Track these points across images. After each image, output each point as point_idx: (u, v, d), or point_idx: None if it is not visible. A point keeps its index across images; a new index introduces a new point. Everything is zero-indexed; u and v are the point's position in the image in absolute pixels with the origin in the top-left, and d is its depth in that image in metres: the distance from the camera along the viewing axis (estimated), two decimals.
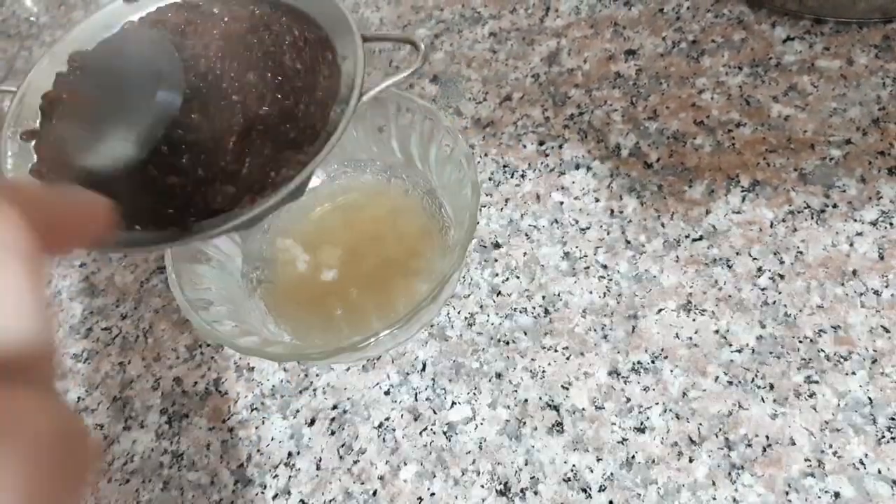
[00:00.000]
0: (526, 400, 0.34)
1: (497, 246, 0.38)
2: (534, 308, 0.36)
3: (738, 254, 0.35)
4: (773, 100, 0.40)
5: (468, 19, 0.49)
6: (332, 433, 0.35)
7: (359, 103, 0.28)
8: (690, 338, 0.34)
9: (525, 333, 0.36)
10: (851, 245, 0.34)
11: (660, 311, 0.35)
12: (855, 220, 0.35)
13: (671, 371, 0.33)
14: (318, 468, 0.34)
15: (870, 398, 0.31)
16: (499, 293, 0.37)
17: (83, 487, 0.15)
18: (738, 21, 0.43)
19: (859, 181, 0.36)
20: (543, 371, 0.34)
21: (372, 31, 0.50)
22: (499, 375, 0.35)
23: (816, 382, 0.32)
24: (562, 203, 0.39)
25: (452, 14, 0.49)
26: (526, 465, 0.32)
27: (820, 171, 0.37)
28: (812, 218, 0.35)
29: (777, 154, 0.38)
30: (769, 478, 0.30)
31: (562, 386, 0.34)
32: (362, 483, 0.33)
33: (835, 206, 0.36)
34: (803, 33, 0.42)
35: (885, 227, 0.34)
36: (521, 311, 0.36)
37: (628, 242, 0.37)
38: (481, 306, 0.37)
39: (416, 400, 0.35)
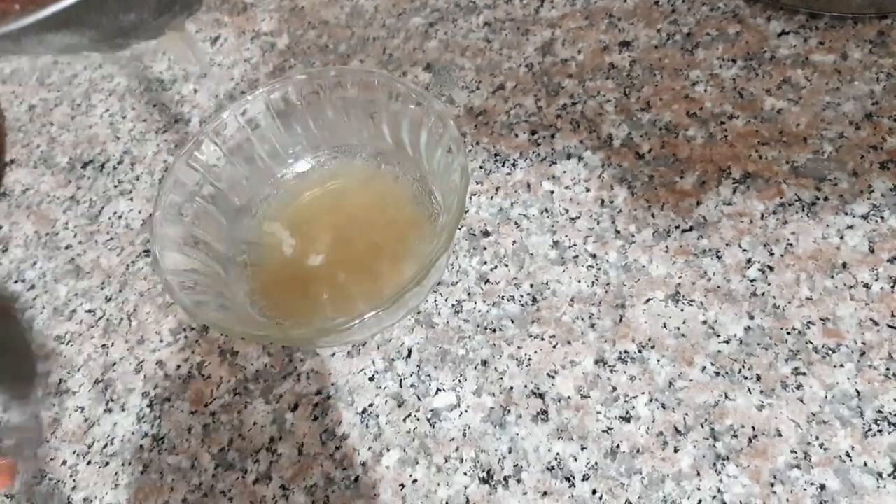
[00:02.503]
0: (511, 388, 0.33)
1: (486, 234, 0.38)
2: (521, 296, 0.36)
3: (727, 245, 0.35)
4: (767, 93, 0.39)
5: (463, 8, 0.49)
6: (315, 419, 0.35)
7: None
8: (678, 328, 0.33)
9: (512, 321, 0.35)
10: (842, 238, 0.34)
11: (648, 300, 0.34)
12: (846, 214, 0.35)
13: (658, 361, 0.33)
14: (300, 454, 0.34)
15: (857, 391, 0.31)
16: (487, 281, 0.37)
17: None
18: (734, 14, 0.43)
19: (851, 175, 0.36)
20: (529, 359, 0.34)
21: None
22: (485, 363, 0.34)
23: (804, 374, 0.31)
24: (552, 192, 0.39)
25: (447, 3, 0.49)
26: (510, 452, 0.32)
27: (812, 164, 0.37)
28: (803, 210, 0.35)
29: (769, 147, 0.37)
30: (754, 469, 0.30)
31: (548, 374, 0.33)
32: (344, 469, 0.33)
33: (826, 199, 0.35)
34: (798, 27, 0.41)
35: (876, 221, 0.34)
36: (508, 300, 0.36)
37: (618, 232, 0.37)
38: (469, 294, 0.36)
39: (401, 386, 0.35)
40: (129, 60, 0.53)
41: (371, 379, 0.35)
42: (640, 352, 0.33)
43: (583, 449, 0.31)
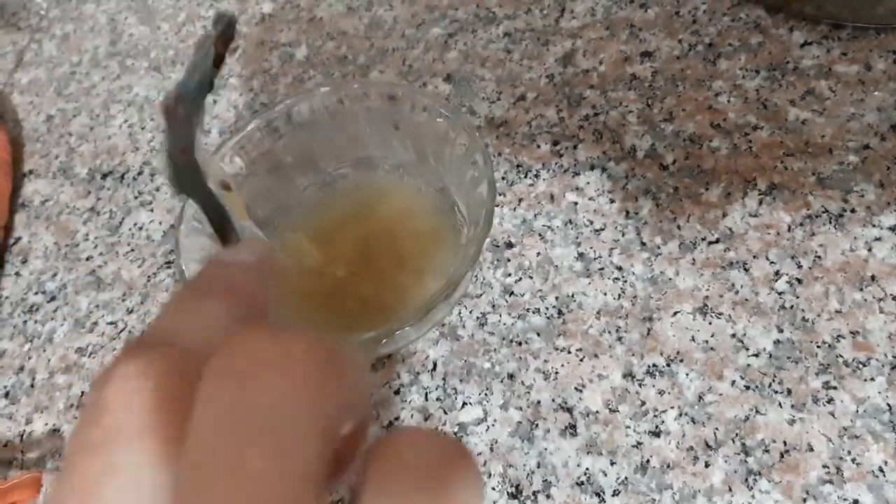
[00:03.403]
0: (538, 401, 0.33)
1: (510, 246, 0.38)
2: (547, 309, 0.36)
3: (755, 257, 0.35)
4: (791, 104, 0.39)
5: (483, 19, 0.49)
6: None
7: None
8: (706, 341, 0.33)
9: (538, 334, 0.35)
10: (870, 250, 0.34)
11: (675, 313, 0.34)
12: (873, 226, 0.35)
13: (687, 374, 0.33)
14: None
15: (889, 405, 0.30)
16: (511, 293, 0.37)
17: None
18: (756, 25, 0.43)
19: (878, 186, 0.36)
20: (556, 372, 0.34)
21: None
22: (511, 376, 0.34)
23: (835, 388, 0.31)
24: (576, 203, 0.39)
25: (467, 14, 0.49)
26: (538, 467, 0.32)
27: (838, 175, 0.36)
28: (830, 222, 0.35)
29: (794, 158, 0.37)
30: (787, 484, 0.29)
31: (575, 388, 0.33)
32: None
33: (853, 210, 0.35)
34: (821, 38, 0.41)
35: None
36: (534, 312, 0.36)
37: (643, 244, 0.36)
38: (494, 306, 0.36)
39: (427, 400, 0.34)
40: (148, 70, 0.53)
41: (396, 392, 0.35)
42: (668, 365, 0.33)
43: (612, 464, 0.31)
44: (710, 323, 0.34)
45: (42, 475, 0.36)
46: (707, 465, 0.30)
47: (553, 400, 0.33)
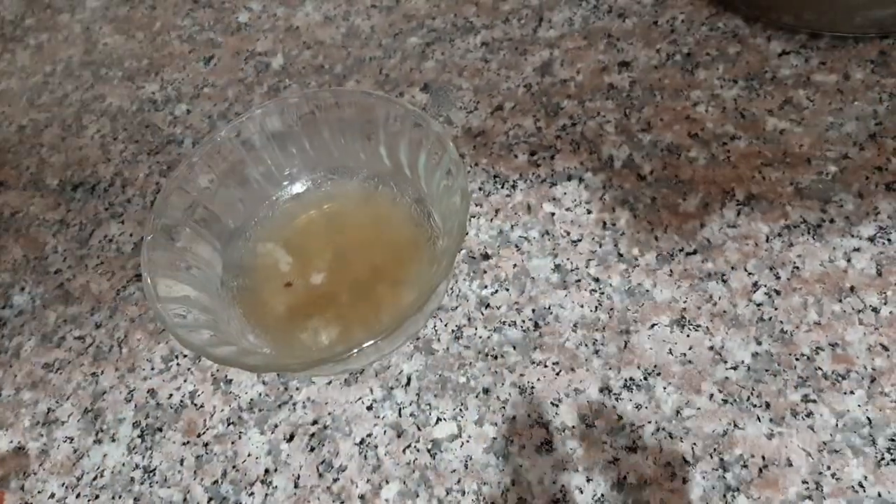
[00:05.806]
0: (514, 417, 0.33)
1: (486, 257, 0.37)
2: (523, 321, 0.35)
3: (733, 268, 0.34)
4: (769, 113, 0.39)
5: (460, 28, 0.48)
6: (312, 449, 0.34)
7: None
8: (684, 354, 0.33)
9: (514, 348, 0.34)
10: (849, 261, 0.34)
11: (653, 326, 0.34)
12: (852, 236, 0.34)
13: (664, 388, 0.32)
14: (296, 486, 0.33)
15: (869, 418, 0.30)
16: (487, 306, 0.36)
17: None
18: (734, 34, 0.43)
19: (856, 196, 0.35)
20: (532, 387, 0.33)
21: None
22: (486, 391, 0.33)
23: (814, 402, 0.31)
24: (553, 214, 0.38)
25: (444, 23, 0.49)
26: (513, 484, 0.31)
27: (816, 185, 0.36)
28: (808, 233, 0.35)
29: (773, 168, 0.37)
30: (766, 500, 0.29)
31: (551, 402, 0.33)
32: (342, 502, 0.32)
33: (832, 221, 0.35)
34: (799, 47, 0.41)
35: (883, 243, 0.34)
36: (510, 325, 0.35)
37: (621, 255, 0.36)
38: (469, 319, 0.36)
39: (400, 415, 0.34)
40: (122, 80, 0.53)
41: (369, 408, 0.34)
42: (645, 379, 0.32)
43: (588, 480, 0.30)
44: (688, 335, 0.33)
45: (5, 495, 0.35)
46: (685, 482, 0.30)
47: (529, 415, 0.32)
